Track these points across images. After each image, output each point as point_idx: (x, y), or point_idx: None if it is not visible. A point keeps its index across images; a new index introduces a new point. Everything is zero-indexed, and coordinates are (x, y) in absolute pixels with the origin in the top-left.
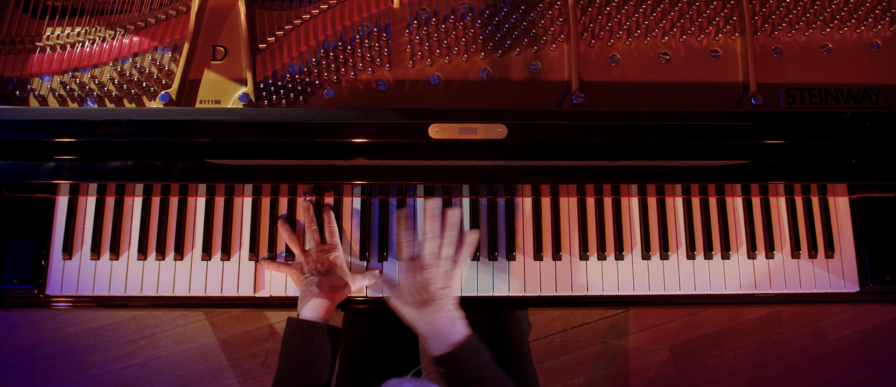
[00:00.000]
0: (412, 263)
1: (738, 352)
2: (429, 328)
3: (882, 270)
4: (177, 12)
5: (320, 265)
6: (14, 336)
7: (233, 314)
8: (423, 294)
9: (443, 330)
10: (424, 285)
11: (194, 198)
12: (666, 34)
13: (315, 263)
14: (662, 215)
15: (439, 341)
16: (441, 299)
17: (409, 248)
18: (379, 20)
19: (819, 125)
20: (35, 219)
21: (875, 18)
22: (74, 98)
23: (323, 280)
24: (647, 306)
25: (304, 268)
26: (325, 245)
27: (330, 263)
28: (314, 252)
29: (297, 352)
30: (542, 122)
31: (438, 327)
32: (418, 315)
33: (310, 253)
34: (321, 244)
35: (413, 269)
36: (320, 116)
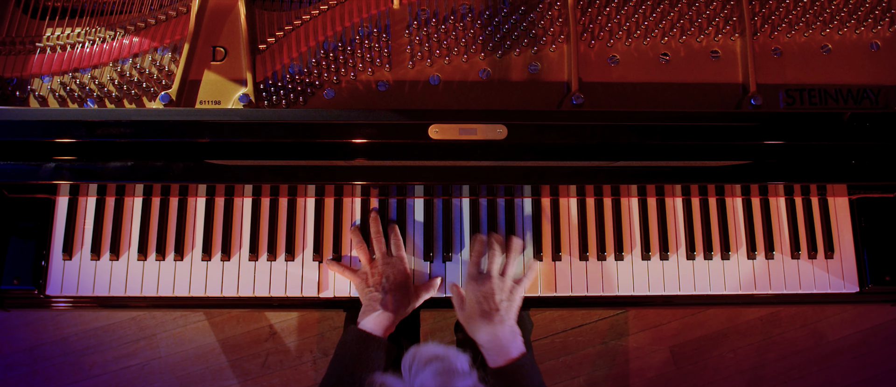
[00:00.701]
0: (479, 277)
1: (738, 352)
2: (489, 339)
3: (882, 270)
4: (177, 13)
5: (385, 281)
6: (14, 337)
7: (233, 315)
8: (487, 305)
9: (503, 343)
10: (489, 297)
11: (194, 198)
12: (666, 35)
13: (381, 275)
14: (662, 216)
15: (498, 353)
16: (504, 313)
17: (477, 262)
18: (379, 21)
19: (819, 126)
20: (35, 219)
21: (874, 19)
22: (74, 99)
23: (388, 297)
24: (646, 306)
25: (368, 279)
26: (392, 258)
27: (396, 278)
28: (380, 264)
29: (351, 359)
30: (541, 122)
31: (500, 340)
32: (481, 326)
33: (376, 264)
34: (387, 256)
35: (479, 281)
36: (320, 116)
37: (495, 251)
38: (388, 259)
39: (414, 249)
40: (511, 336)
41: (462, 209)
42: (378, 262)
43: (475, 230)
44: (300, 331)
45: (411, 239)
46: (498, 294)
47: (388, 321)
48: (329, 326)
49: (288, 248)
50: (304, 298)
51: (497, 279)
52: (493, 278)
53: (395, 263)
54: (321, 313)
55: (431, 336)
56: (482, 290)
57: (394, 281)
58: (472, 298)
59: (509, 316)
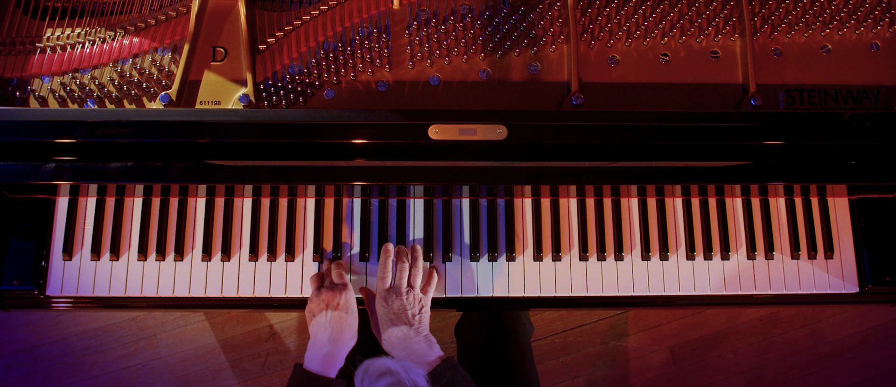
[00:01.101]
0: (389, 293)
1: (738, 353)
2: (406, 352)
3: (881, 270)
4: (177, 13)
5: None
6: (14, 337)
7: (233, 315)
8: (400, 320)
9: (421, 352)
10: (401, 313)
11: (194, 199)
12: (665, 35)
13: (322, 303)
14: (662, 216)
15: (418, 362)
16: (417, 325)
17: (386, 281)
18: (379, 21)
19: (818, 126)
20: (35, 220)
21: (874, 19)
22: (75, 99)
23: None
24: (646, 306)
25: (311, 306)
26: (333, 285)
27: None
28: (322, 292)
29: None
30: (541, 123)
31: (416, 350)
32: (395, 340)
33: (318, 292)
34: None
35: (390, 297)
36: (320, 117)
37: (404, 263)
38: (330, 286)
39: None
40: (427, 345)
41: (462, 210)
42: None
43: (475, 231)
44: (300, 331)
45: (411, 240)
46: (409, 309)
47: (331, 356)
48: None
49: (288, 248)
50: (305, 298)
51: (406, 294)
52: (402, 294)
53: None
54: None
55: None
56: (393, 306)
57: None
58: (384, 313)
59: (424, 324)
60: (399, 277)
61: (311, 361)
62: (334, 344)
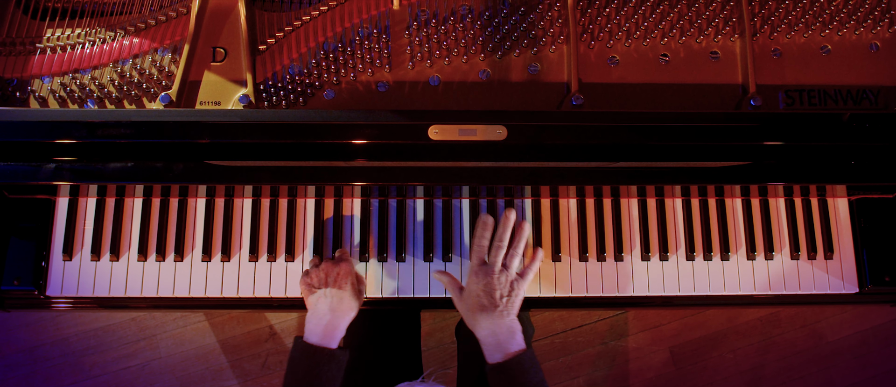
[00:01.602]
0: (481, 269)
1: (738, 353)
2: (487, 334)
3: (881, 271)
4: (177, 14)
5: (327, 278)
6: (14, 337)
7: (233, 315)
8: (487, 300)
9: (502, 338)
10: (489, 292)
11: (194, 199)
12: (665, 36)
13: (324, 274)
14: (662, 217)
15: (496, 348)
16: (503, 308)
17: (480, 253)
18: (379, 22)
19: (818, 126)
20: (35, 220)
21: (874, 20)
22: (75, 99)
23: (327, 296)
24: (646, 307)
25: (311, 278)
26: (332, 259)
27: (337, 277)
28: (322, 265)
29: (303, 376)
30: (541, 123)
31: (498, 335)
32: (480, 320)
33: (317, 266)
34: (328, 259)
35: (480, 274)
36: (320, 117)
37: (501, 241)
38: (328, 259)
39: (414, 250)
40: (509, 333)
41: (462, 210)
42: (319, 264)
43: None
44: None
45: (411, 240)
46: (498, 290)
47: (332, 327)
48: None
49: (288, 248)
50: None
51: (498, 274)
52: (494, 273)
53: (337, 262)
54: None
55: (430, 337)
56: (483, 283)
57: (337, 278)
58: (472, 290)
59: (509, 312)
60: (494, 255)
61: (311, 333)
62: (334, 313)
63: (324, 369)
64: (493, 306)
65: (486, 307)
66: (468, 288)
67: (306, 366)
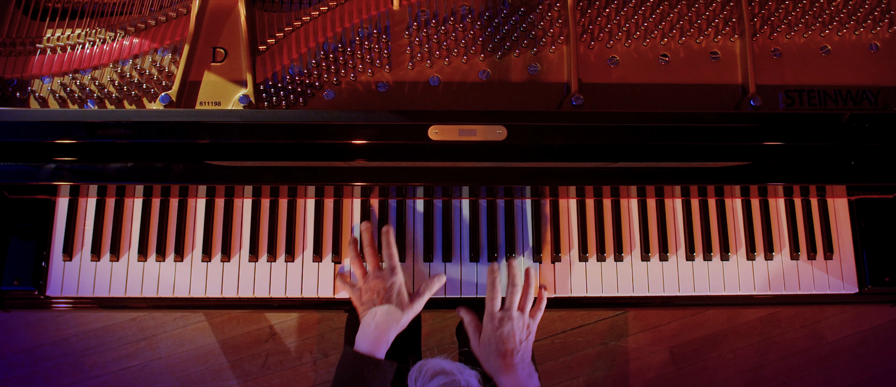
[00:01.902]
0: (496, 315)
1: (738, 353)
2: (507, 377)
3: (881, 271)
4: (177, 14)
5: (376, 296)
6: (14, 337)
7: (233, 316)
8: (506, 345)
9: (520, 380)
10: (509, 337)
11: (194, 199)
12: (665, 36)
13: (373, 291)
14: (662, 217)
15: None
16: (523, 352)
17: (495, 302)
18: (379, 22)
19: (818, 127)
20: (35, 220)
21: (874, 20)
22: (75, 100)
23: (379, 313)
24: (646, 307)
25: (361, 295)
26: (382, 271)
27: (386, 292)
28: (372, 279)
29: (350, 380)
30: (541, 123)
31: (518, 377)
32: (498, 364)
33: (368, 279)
34: (378, 270)
35: (497, 320)
36: (320, 117)
37: (515, 285)
38: (379, 273)
39: (414, 251)
40: (527, 374)
41: (462, 210)
42: (370, 276)
43: (475, 231)
44: (300, 332)
45: (411, 240)
46: (518, 334)
47: (380, 339)
48: (329, 326)
49: (288, 249)
50: (304, 298)
51: (517, 318)
52: (513, 318)
53: (386, 276)
54: (321, 314)
55: (430, 337)
56: (502, 330)
57: (385, 296)
58: (490, 336)
59: (527, 354)
60: (510, 298)
61: (360, 344)
62: (381, 329)
63: (369, 377)
64: (513, 352)
65: (506, 353)
66: (486, 332)
67: (352, 373)
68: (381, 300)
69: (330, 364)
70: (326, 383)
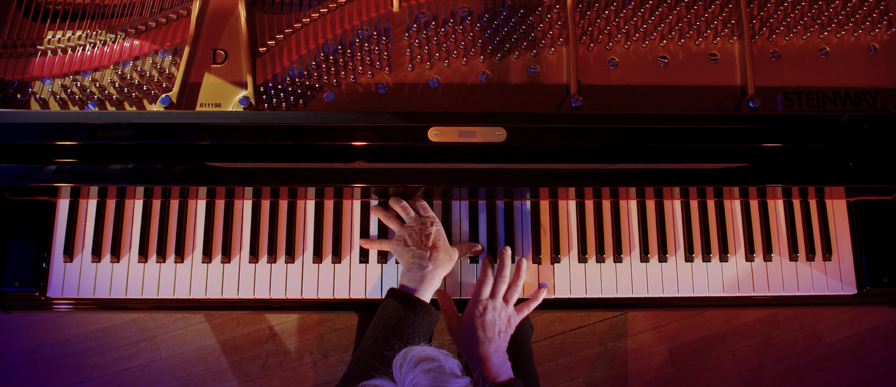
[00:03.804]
0: (481, 302)
1: (737, 354)
2: (479, 362)
3: (879, 272)
4: (177, 16)
5: (425, 238)
6: (15, 338)
7: (233, 316)
8: (485, 332)
9: (494, 369)
10: (489, 325)
11: (195, 201)
12: (664, 38)
13: (419, 234)
14: (661, 218)
15: (487, 378)
16: (499, 342)
17: (484, 290)
18: (378, 24)
19: (816, 128)
20: (36, 222)
21: (872, 22)
22: (75, 101)
23: (432, 252)
24: (645, 308)
25: (407, 240)
26: (423, 216)
27: (433, 236)
28: (416, 224)
29: (397, 323)
30: (540, 125)
31: (490, 365)
32: (473, 350)
33: (411, 226)
34: (418, 217)
35: (481, 307)
36: (320, 119)
37: (503, 276)
38: (420, 218)
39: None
40: (501, 363)
41: (462, 211)
42: (414, 221)
43: (474, 232)
44: (300, 333)
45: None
46: (498, 324)
47: (433, 279)
48: (329, 327)
49: (288, 250)
50: (305, 299)
51: (500, 308)
52: (496, 308)
53: (432, 221)
54: (321, 315)
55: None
56: (484, 317)
57: (434, 237)
58: (469, 321)
59: (503, 346)
60: (495, 290)
61: (408, 285)
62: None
63: (420, 317)
64: (488, 340)
65: (481, 340)
66: (467, 319)
67: (400, 315)
68: (430, 241)
69: (330, 365)
70: (327, 383)
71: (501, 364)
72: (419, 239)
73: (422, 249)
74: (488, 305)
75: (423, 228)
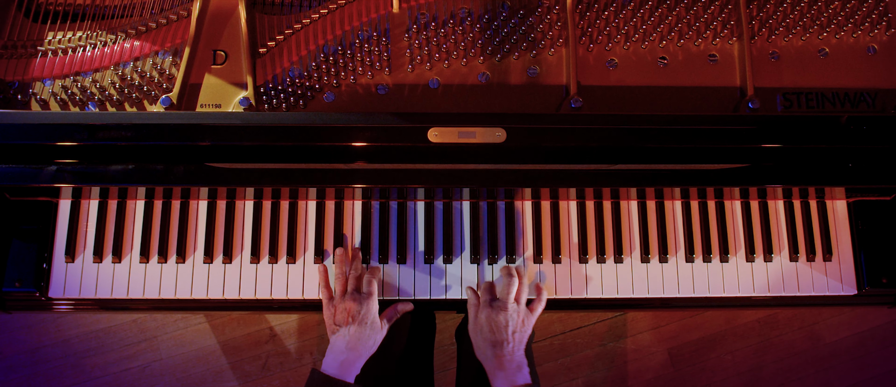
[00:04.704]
0: (493, 304)
1: (736, 354)
2: (495, 366)
3: (879, 272)
4: (178, 17)
5: (351, 318)
6: (16, 339)
7: (233, 317)
8: (499, 335)
9: (510, 372)
10: (503, 327)
11: (196, 201)
12: (664, 38)
13: (346, 313)
14: (661, 219)
15: (504, 380)
16: (515, 344)
17: (492, 291)
18: (379, 25)
19: (816, 129)
20: (37, 222)
21: (871, 23)
22: (76, 102)
23: (351, 331)
24: (645, 308)
25: (335, 315)
26: (358, 295)
27: (360, 318)
28: (347, 300)
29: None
30: (540, 125)
31: (506, 368)
32: (490, 353)
33: (344, 300)
34: (355, 293)
35: (494, 308)
36: (320, 119)
37: (512, 276)
38: (355, 295)
39: (415, 253)
40: (517, 367)
41: (462, 212)
42: (347, 297)
43: (475, 233)
44: (300, 333)
45: (412, 242)
46: (511, 325)
47: (352, 364)
48: None
49: (289, 250)
50: (306, 300)
51: (512, 309)
52: (508, 308)
53: (363, 300)
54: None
55: None
56: (496, 319)
57: (361, 319)
58: (485, 324)
59: (520, 346)
60: (506, 290)
61: (328, 365)
62: (353, 351)
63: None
64: (505, 341)
65: (498, 342)
66: (480, 321)
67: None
68: (355, 324)
69: None
70: None
71: (517, 369)
72: (345, 319)
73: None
74: (501, 305)
75: (352, 306)
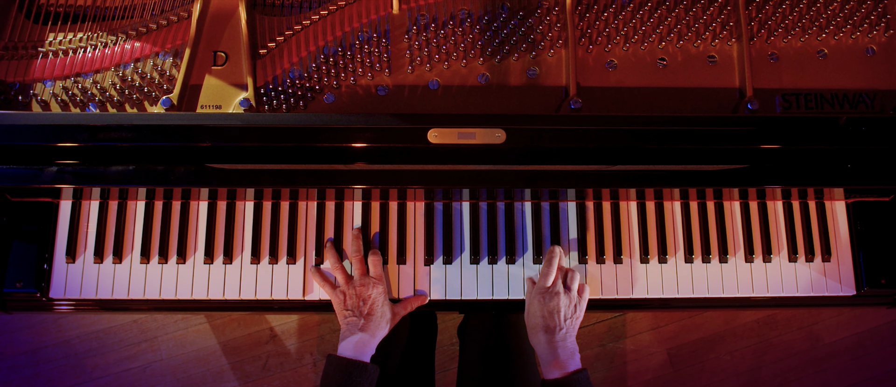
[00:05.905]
0: (548, 291)
1: (735, 355)
2: (547, 352)
3: (878, 273)
4: (178, 18)
5: (362, 303)
6: (16, 339)
7: (234, 317)
8: (552, 321)
9: (561, 358)
10: (555, 313)
11: (196, 202)
12: (663, 40)
13: (357, 298)
14: (661, 219)
15: (555, 366)
16: (568, 330)
17: (548, 279)
18: (379, 26)
19: (815, 130)
20: (38, 223)
21: (870, 24)
22: (77, 103)
23: (366, 319)
24: (644, 309)
25: (346, 300)
26: (368, 278)
27: (372, 301)
28: (357, 285)
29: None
30: (540, 126)
31: (558, 354)
32: (542, 338)
33: (352, 285)
34: (364, 276)
35: (547, 296)
36: (320, 120)
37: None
38: (365, 279)
39: (415, 253)
40: (569, 353)
41: (462, 213)
42: (356, 282)
43: (475, 234)
44: (300, 333)
45: (412, 243)
46: (564, 311)
47: (367, 345)
48: (329, 328)
49: (289, 251)
50: (306, 301)
51: (564, 296)
52: (560, 295)
53: (374, 283)
54: (321, 316)
55: None
56: (549, 305)
57: (372, 302)
58: (538, 312)
59: (572, 332)
60: (558, 278)
61: (344, 350)
62: (366, 332)
63: (356, 380)
64: (557, 327)
65: (551, 329)
66: (534, 308)
67: (340, 379)
68: (367, 307)
69: None
70: None
71: (569, 355)
72: (356, 304)
73: (355, 317)
74: (552, 291)
75: (363, 291)
